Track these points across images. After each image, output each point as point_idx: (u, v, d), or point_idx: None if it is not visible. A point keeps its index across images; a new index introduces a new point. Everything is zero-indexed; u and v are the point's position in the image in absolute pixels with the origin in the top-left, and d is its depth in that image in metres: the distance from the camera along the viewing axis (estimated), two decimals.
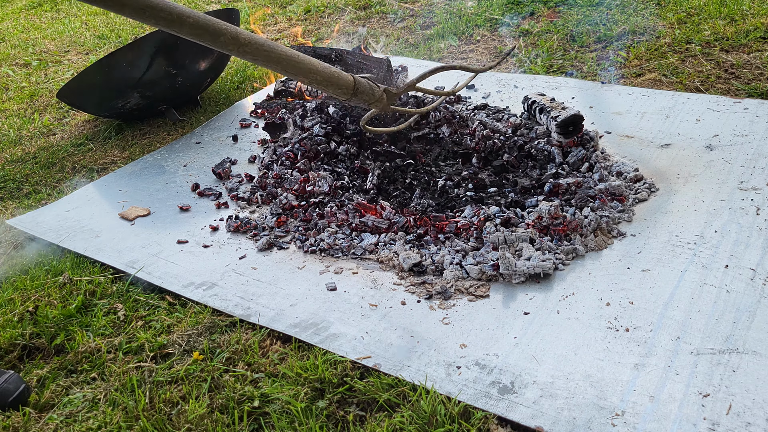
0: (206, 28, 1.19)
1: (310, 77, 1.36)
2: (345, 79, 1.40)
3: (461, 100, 2.28)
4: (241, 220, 1.83)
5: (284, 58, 1.30)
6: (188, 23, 1.16)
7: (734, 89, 2.20)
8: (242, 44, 1.23)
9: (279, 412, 1.26)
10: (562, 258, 1.54)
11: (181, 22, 1.15)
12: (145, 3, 1.11)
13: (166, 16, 1.13)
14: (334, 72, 1.38)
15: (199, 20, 1.17)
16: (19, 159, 2.41)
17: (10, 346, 1.50)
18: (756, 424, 1.11)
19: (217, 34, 1.20)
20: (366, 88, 1.44)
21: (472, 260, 1.55)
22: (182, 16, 1.15)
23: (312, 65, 1.35)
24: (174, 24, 1.14)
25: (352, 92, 1.42)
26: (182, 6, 1.17)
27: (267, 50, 1.27)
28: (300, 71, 1.34)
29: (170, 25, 1.14)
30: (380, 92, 1.48)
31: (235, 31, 1.23)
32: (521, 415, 1.18)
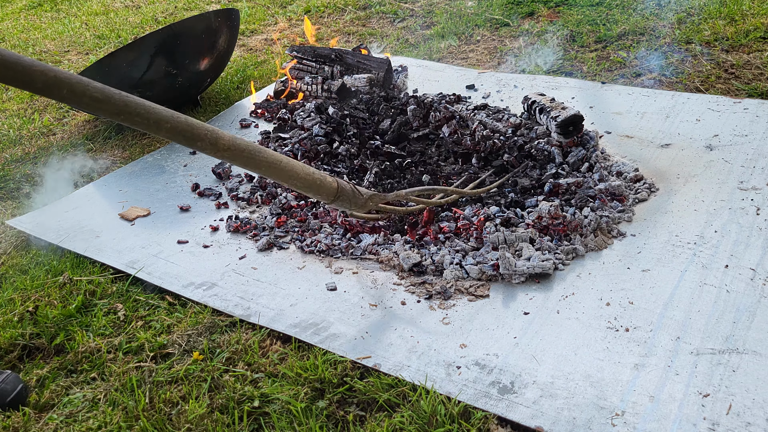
0: (183, 134, 1.18)
1: (291, 182, 1.34)
2: (327, 186, 1.38)
3: (461, 100, 2.28)
4: (241, 220, 1.83)
5: (265, 164, 1.28)
6: (165, 128, 1.15)
7: (734, 89, 2.20)
8: (220, 149, 1.22)
9: (279, 412, 1.26)
10: (562, 258, 1.54)
11: (159, 125, 1.14)
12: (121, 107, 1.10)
13: (142, 121, 1.13)
14: (316, 178, 1.36)
15: (177, 124, 1.16)
16: (19, 159, 2.41)
17: (10, 346, 1.50)
18: (756, 424, 1.11)
19: (195, 139, 1.19)
20: (348, 195, 1.43)
21: (472, 260, 1.55)
22: (160, 120, 1.14)
23: (294, 171, 1.33)
24: (151, 126, 1.14)
25: (333, 198, 1.42)
26: (161, 108, 1.15)
27: (248, 155, 1.26)
28: (280, 176, 1.32)
29: (147, 127, 1.14)
30: (364, 199, 1.47)
31: (215, 137, 1.20)
32: (521, 415, 1.18)
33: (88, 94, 1.07)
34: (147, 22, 3.81)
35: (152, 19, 3.86)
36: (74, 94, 1.06)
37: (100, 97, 1.08)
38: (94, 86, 1.07)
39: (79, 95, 1.06)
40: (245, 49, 3.26)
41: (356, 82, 2.41)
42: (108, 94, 1.09)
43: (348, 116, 2.17)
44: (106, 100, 1.08)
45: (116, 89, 1.10)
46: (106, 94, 1.09)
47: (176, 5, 4.05)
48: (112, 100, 1.09)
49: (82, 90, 1.06)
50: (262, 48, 3.24)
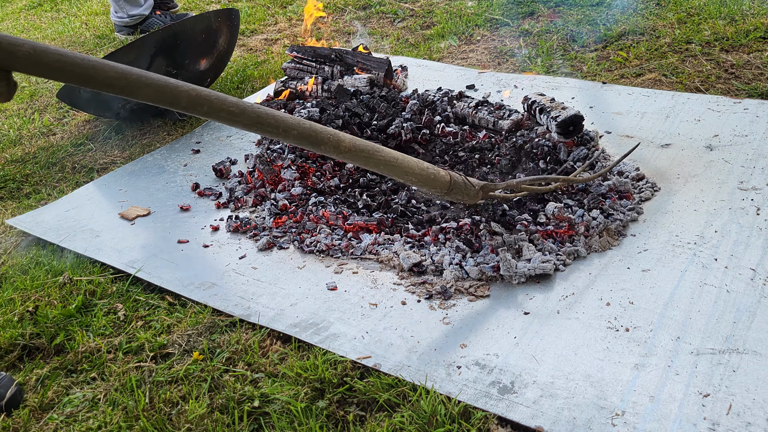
0: (309, 138, 1.26)
1: (407, 178, 1.41)
2: (441, 180, 1.45)
3: (463, 97, 2.28)
4: (241, 220, 1.83)
5: (383, 162, 1.36)
6: (293, 134, 1.24)
7: (734, 89, 2.20)
8: (342, 151, 1.30)
9: (279, 412, 1.26)
10: (564, 259, 1.53)
11: (287, 132, 1.23)
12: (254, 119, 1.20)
13: (273, 130, 1.22)
14: (431, 173, 1.43)
15: (303, 131, 1.25)
16: (19, 159, 2.41)
17: (10, 346, 1.50)
18: (756, 424, 1.11)
19: (320, 143, 1.27)
20: (461, 187, 1.50)
21: (472, 261, 1.55)
22: (288, 127, 1.23)
23: (410, 167, 1.40)
24: (280, 134, 1.23)
25: (446, 191, 1.48)
26: (288, 117, 1.24)
27: (367, 155, 1.34)
28: (397, 173, 1.39)
29: (277, 135, 1.23)
30: (476, 189, 1.53)
31: (337, 139, 1.29)
32: (521, 415, 1.18)
33: (225, 109, 1.17)
34: None
35: None
36: (213, 109, 1.16)
37: (236, 111, 1.17)
38: (230, 101, 1.17)
39: (217, 110, 1.16)
40: (245, 49, 3.26)
41: (356, 82, 2.41)
42: (242, 107, 1.18)
43: (347, 114, 2.17)
44: (241, 113, 1.18)
45: (248, 102, 1.20)
46: (241, 108, 1.18)
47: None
48: (246, 113, 1.19)
49: (220, 106, 1.16)
50: (262, 48, 3.24)
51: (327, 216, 1.78)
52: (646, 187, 1.74)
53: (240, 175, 2.06)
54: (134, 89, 1.11)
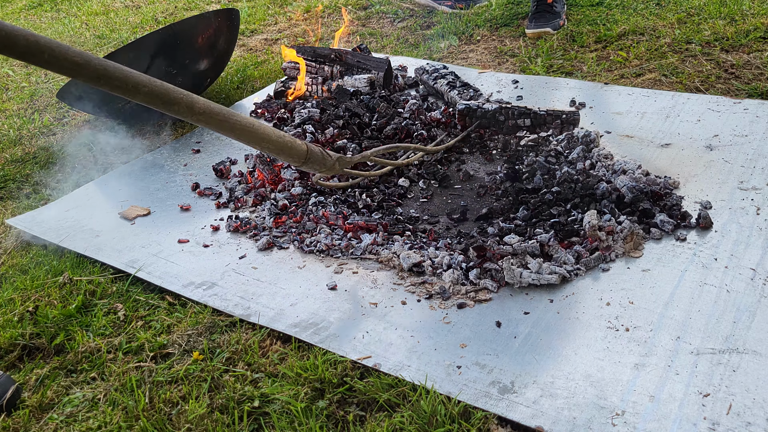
0: (160, 97, 1.21)
1: (263, 146, 1.38)
2: (298, 149, 1.43)
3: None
4: (241, 219, 1.83)
5: (238, 126, 1.32)
6: (143, 92, 1.18)
7: (734, 89, 2.20)
8: (196, 112, 1.26)
9: (279, 412, 1.26)
10: (578, 270, 1.49)
11: (137, 89, 1.17)
12: (100, 72, 1.13)
13: (121, 85, 1.16)
14: (287, 141, 1.40)
15: (154, 88, 1.19)
16: (19, 159, 2.41)
17: (10, 346, 1.50)
18: (756, 424, 1.11)
19: (172, 103, 1.22)
20: (318, 157, 1.48)
21: (474, 272, 1.51)
22: (138, 84, 1.17)
23: (266, 134, 1.37)
24: (129, 91, 1.17)
25: (303, 160, 1.46)
26: (138, 74, 1.18)
27: (221, 118, 1.29)
28: (253, 139, 1.36)
29: (126, 92, 1.17)
30: (332, 161, 1.51)
31: (190, 100, 1.24)
32: (521, 414, 1.18)
33: (69, 59, 1.09)
34: (147, 22, 3.81)
35: (152, 19, 3.86)
36: (55, 58, 1.08)
37: (80, 61, 1.10)
38: (73, 51, 1.10)
39: (60, 59, 1.08)
40: (245, 49, 3.26)
41: (356, 83, 2.41)
42: (87, 58, 1.11)
43: (347, 114, 2.17)
44: (85, 64, 1.10)
45: (95, 55, 1.14)
46: (85, 59, 1.11)
47: (176, 5, 4.05)
48: (90, 64, 1.11)
49: (63, 54, 1.08)
50: (262, 48, 3.24)
51: (327, 216, 1.78)
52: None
53: (240, 175, 2.06)
54: None
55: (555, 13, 2.83)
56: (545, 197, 1.70)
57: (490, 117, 2.05)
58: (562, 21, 2.84)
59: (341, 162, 1.55)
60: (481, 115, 2.04)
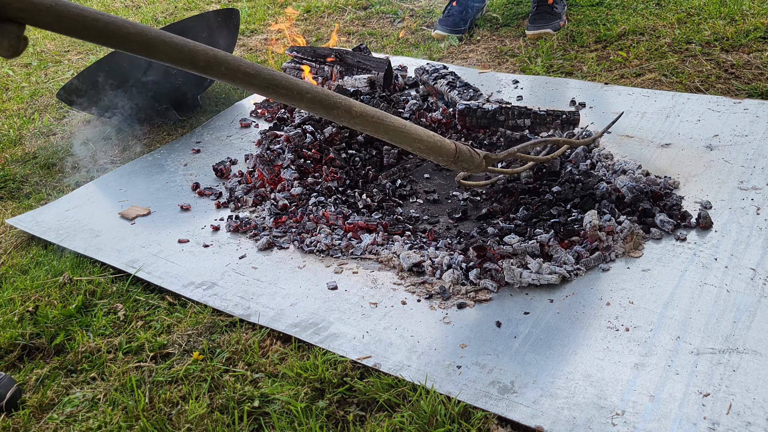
0: (322, 102, 1.27)
1: (414, 146, 1.43)
2: (447, 148, 1.46)
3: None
4: (241, 219, 1.83)
5: (392, 128, 1.37)
6: (307, 98, 1.25)
7: (734, 89, 2.20)
8: (354, 116, 1.32)
9: (279, 412, 1.26)
10: (578, 270, 1.49)
11: (301, 96, 1.25)
12: (270, 81, 1.22)
13: (287, 93, 1.24)
14: (437, 140, 1.44)
15: (317, 94, 1.27)
16: (19, 159, 2.41)
17: (10, 346, 1.50)
18: (756, 424, 1.11)
19: (332, 107, 1.29)
20: (466, 156, 1.51)
21: (474, 272, 1.51)
22: (302, 91, 1.24)
23: (417, 135, 1.41)
24: (294, 98, 1.25)
25: (453, 160, 1.49)
26: (302, 82, 1.26)
27: (376, 120, 1.35)
28: (405, 140, 1.41)
29: (291, 99, 1.25)
30: (479, 159, 1.53)
31: (348, 104, 1.31)
32: (521, 414, 1.18)
33: (242, 70, 1.18)
34: (147, 22, 3.81)
35: (152, 19, 3.86)
36: (230, 70, 1.17)
37: (251, 72, 1.19)
38: (246, 63, 1.19)
39: (234, 71, 1.17)
40: (245, 49, 3.26)
41: (356, 83, 2.41)
42: (258, 69, 1.20)
43: None
44: (257, 75, 1.20)
45: (263, 66, 1.22)
46: (257, 70, 1.20)
47: (176, 5, 4.05)
48: (261, 75, 1.20)
49: (237, 67, 1.17)
50: (262, 48, 3.24)
51: (327, 216, 1.78)
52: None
53: (240, 175, 2.06)
54: (153, 47, 1.11)
55: (555, 14, 2.83)
56: (545, 197, 1.70)
57: (490, 117, 2.05)
58: (563, 22, 2.84)
59: (488, 159, 1.56)
60: (477, 122, 2.04)
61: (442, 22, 2.97)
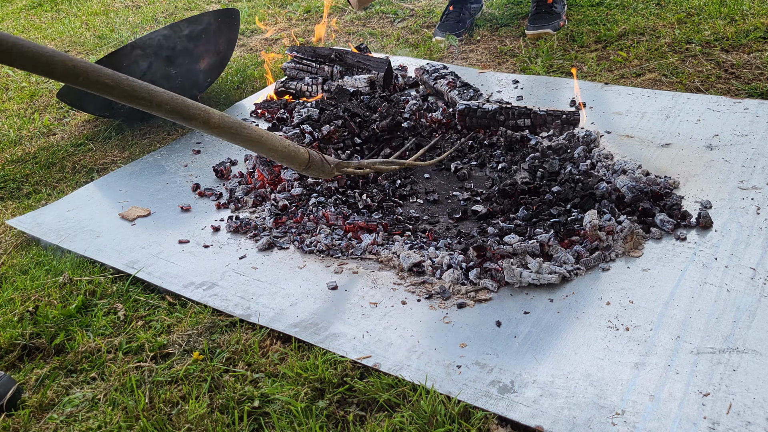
0: (180, 113, 1.33)
1: (270, 154, 1.52)
2: (300, 157, 1.56)
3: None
4: (242, 220, 1.83)
5: (248, 138, 1.45)
6: (165, 108, 1.31)
7: (734, 89, 2.20)
8: (212, 126, 1.38)
9: (279, 412, 1.26)
10: (577, 270, 1.49)
11: (160, 107, 1.30)
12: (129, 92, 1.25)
13: (146, 104, 1.28)
14: (291, 150, 1.54)
15: (176, 105, 1.32)
16: (19, 159, 2.41)
17: (10, 346, 1.50)
18: (756, 423, 1.11)
19: (191, 118, 1.35)
20: (318, 163, 1.62)
21: (474, 272, 1.51)
22: (161, 102, 1.30)
23: (273, 144, 1.50)
24: (153, 108, 1.29)
25: (305, 166, 1.59)
26: (162, 91, 1.30)
27: (234, 131, 1.42)
28: (262, 149, 1.49)
29: (150, 108, 1.29)
30: (330, 167, 1.65)
31: (207, 115, 1.36)
32: (521, 414, 1.18)
33: (101, 81, 1.21)
34: (147, 22, 3.81)
35: (152, 19, 3.86)
36: (89, 81, 1.20)
37: (110, 83, 1.22)
38: (105, 73, 1.21)
39: (93, 82, 1.20)
40: (245, 49, 3.26)
41: (356, 83, 2.41)
42: (117, 80, 1.23)
43: (346, 114, 2.17)
44: (116, 85, 1.23)
45: (124, 75, 1.25)
46: (116, 80, 1.23)
47: (176, 5, 4.06)
48: (121, 85, 1.24)
49: (96, 77, 1.20)
50: (262, 48, 3.24)
51: (327, 216, 1.78)
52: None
53: (240, 176, 2.06)
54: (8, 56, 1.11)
55: (555, 13, 2.83)
56: (545, 197, 1.70)
57: (490, 117, 2.05)
58: (563, 21, 2.84)
59: (339, 167, 1.67)
60: (477, 122, 2.04)
61: (441, 27, 2.98)
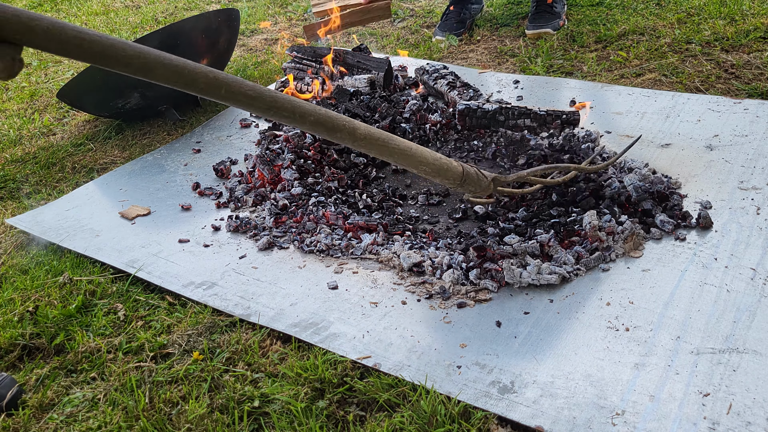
0: (325, 125, 1.25)
1: (420, 168, 1.40)
2: (454, 171, 1.43)
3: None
4: (241, 219, 1.83)
5: (397, 151, 1.35)
6: (309, 120, 1.23)
7: (734, 89, 2.20)
8: (358, 138, 1.30)
9: (279, 412, 1.26)
10: (577, 271, 1.49)
11: (303, 118, 1.22)
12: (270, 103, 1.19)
13: (289, 115, 1.21)
14: (444, 163, 1.41)
15: (320, 117, 1.24)
16: (19, 159, 2.41)
17: (10, 346, 1.50)
18: (756, 423, 1.11)
19: (335, 130, 1.27)
20: (473, 178, 1.48)
21: (474, 272, 1.51)
22: (305, 113, 1.22)
23: (423, 157, 1.39)
24: (296, 120, 1.22)
25: (459, 182, 1.46)
26: (304, 103, 1.23)
27: (381, 143, 1.33)
28: (411, 163, 1.39)
29: (293, 121, 1.22)
30: (487, 181, 1.51)
31: (352, 127, 1.28)
32: (521, 414, 1.18)
33: (243, 92, 1.16)
34: (147, 22, 3.81)
35: (152, 19, 3.86)
36: (231, 93, 1.15)
37: (252, 95, 1.16)
38: (247, 85, 1.16)
39: (235, 93, 1.15)
40: (245, 49, 3.26)
41: (356, 83, 2.41)
42: (259, 91, 1.17)
43: (346, 115, 2.17)
44: (258, 97, 1.17)
45: (265, 87, 1.19)
46: (258, 92, 1.17)
47: (176, 5, 4.05)
48: (263, 97, 1.18)
49: (237, 89, 1.15)
50: (262, 48, 3.24)
51: (327, 216, 1.78)
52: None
53: (240, 175, 2.06)
54: (151, 69, 1.09)
55: (555, 13, 2.83)
56: (551, 197, 1.70)
57: (490, 117, 2.05)
58: (562, 21, 2.84)
59: (496, 182, 1.54)
60: (477, 122, 2.03)
61: (441, 27, 2.98)
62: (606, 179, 1.72)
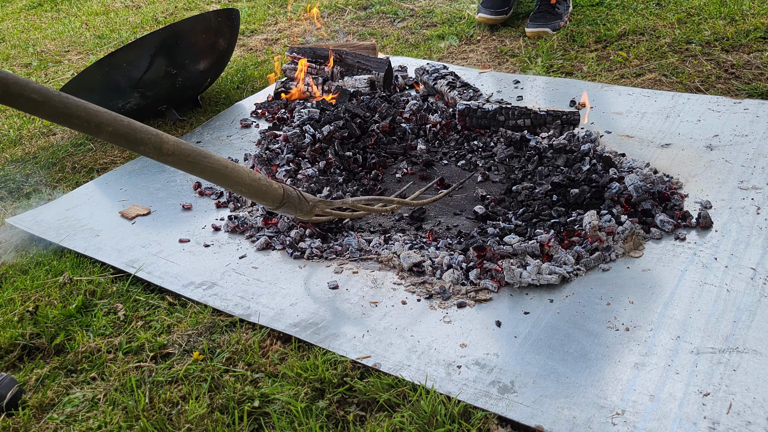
0: (126, 137, 1.13)
1: (236, 189, 1.32)
2: (274, 193, 1.36)
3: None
4: (239, 219, 1.83)
5: (209, 169, 1.25)
6: (107, 131, 1.10)
7: (734, 89, 2.20)
8: (164, 153, 1.18)
9: (279, 412, 1.26)
10: (577, 271, 1.49)
11: (99, 128, 1.09)
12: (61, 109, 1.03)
13: (82, 123, 1.08)
14: (263, 185, 1.33)
15: (120, 127, 1.12)
16: (19, 159, 2.41)
17: (10, 346, 1.50)
18: (756, 423, 1.11)
19: (138, 143, 1.15)
20: (295, 201, 1.42)
21: (474, 272, 1.51)
22: (102, 123, 1.09)
23: (240, 177, 1.29)
24: (92, 129, 1.09)
25: (279, 204, 1.41)
26: (103, 111, 1.10)
27: (191, 160, 1.22)
28: (226, 183, 1.30)
29: (89, 130, 1.09)
30: (309, 206, 1.45)
31: (159, 140, 1.16)
32: (521, 414, 1.18)
33: (26, 95, 1.00)
34: (147, 22, 3.81)
35: (152, 19, 3.86)
36: (9, 94, 0.99)
37: (38, 98, 1.01)
38: (32, 87, 1.00)
39: (15, 96, 0.99)
40: (245, 49, 3.26)
41: (356, 83, 2.41)
42: (47, 95, 1.02)
43: (347, 115, 2.17)
44: (45, 101, 1.02)
45: (57, 91, 1.04)
46: (45, 96, 1.02)
47: (176, 5, 4.06)
48: (51, 101, 1.03)
49: (19, 91, 0.99)
50: (262, 48, 3.24)
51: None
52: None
53: None
54: None
55: (556, 14, 2.83)
56: (551, 197, 1.70)
57: (490, 117, 2.05)
58: (563, 23, 2.84)
59: (319, 206, 1.49)
60: (477, 122, 2.03)
61: (485, 5, 2.94)
62: (608, 180, 1.72)
